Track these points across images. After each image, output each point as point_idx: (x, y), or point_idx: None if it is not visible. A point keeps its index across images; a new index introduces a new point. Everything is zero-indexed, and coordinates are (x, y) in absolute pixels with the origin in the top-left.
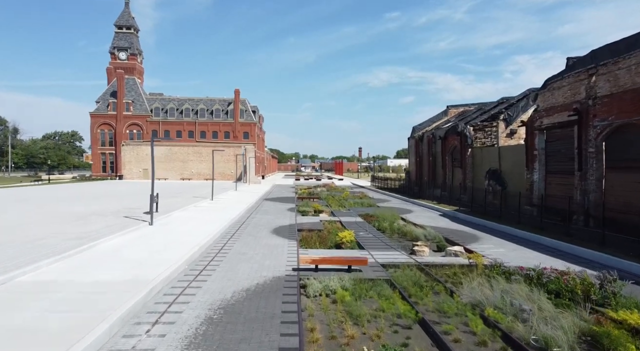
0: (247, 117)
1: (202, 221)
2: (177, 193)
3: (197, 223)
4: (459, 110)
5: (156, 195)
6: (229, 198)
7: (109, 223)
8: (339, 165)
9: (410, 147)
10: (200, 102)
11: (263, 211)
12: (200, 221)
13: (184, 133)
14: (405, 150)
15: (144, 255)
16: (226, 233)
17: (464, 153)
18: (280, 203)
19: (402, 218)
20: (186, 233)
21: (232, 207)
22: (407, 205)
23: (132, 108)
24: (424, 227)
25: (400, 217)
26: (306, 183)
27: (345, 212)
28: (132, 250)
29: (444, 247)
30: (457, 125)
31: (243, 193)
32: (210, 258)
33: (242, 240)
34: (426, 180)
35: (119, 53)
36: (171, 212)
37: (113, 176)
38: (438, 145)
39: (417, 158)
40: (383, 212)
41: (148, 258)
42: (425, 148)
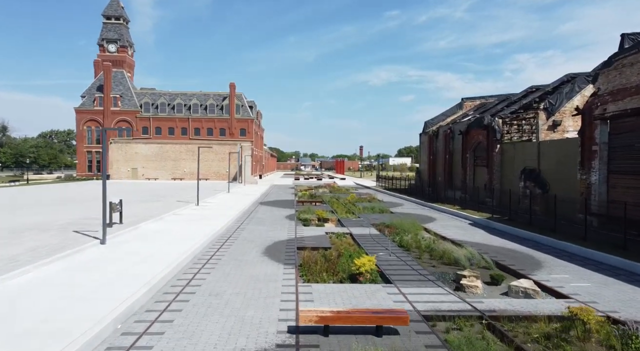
0: (244, 113)
1: (174, 237)
2: (161, 196)
3: (167, 240)
4: (475, 103)
5: (119, 202)
6: (219, 203)
7: (43, 242)
8: (340, 164)
9: (422, 144)
10: (193, 96)
11: (257, 220)
12: (172, 237)
13: (176, 130)
14: (407, 148)
15: (44, 310)
16: (202, 255)
17: (491, 149)
18: (277, 209)
19: (425, 229)
20: (143, 259)
21: (220, 215)
22: (425, 211)
23: (120, 103)
24: (462, 245)
25: (423, 228)
26: (306, 183)
27: (355, 221)
28: (34, 298)
29: (501, 278)
30: (482, 117)
31: (236, 195)
32: (162, 309)
33: (220, 267)
34: (441, 181)
35: (108, 45)
36: (141, 222)
37: (99, 176)
38: (457, 141)
39: (430, 156)
40: (401, 220)
41: (46, 321)
42: (441, 145)
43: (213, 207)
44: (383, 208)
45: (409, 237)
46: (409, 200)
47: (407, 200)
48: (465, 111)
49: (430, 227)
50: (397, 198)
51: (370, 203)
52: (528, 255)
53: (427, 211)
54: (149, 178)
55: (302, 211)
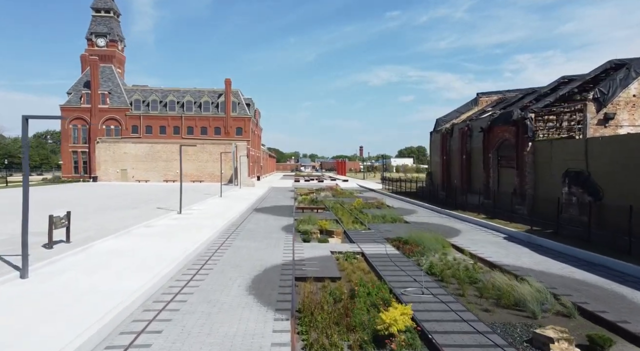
0: (241, 111)
1: (132, 262)
2: (142, 202)
3: (120, 267)
4: (491, 99)
5: (65, 215)
6: (206, 210)
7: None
8: (342, 165)
9: (433, 143)
10: (186, 93)
11: (247, 232)
12: (130, 261)
13: (168, 128)
14: (408, 148)
15: None
16: (160, 295)
17: (521, 148)
18: (273, 217)
19: (454, 246)
20: (69, 305)
21: (203, 226)
22: (444, 219)
23: (108, 100)
24: (522, 277)
25: (450, 244)
26: (306, 185)
27: (365, 234)
28: None
29: (607, 342)
30: (510, 112)
31: (229, 200)
32: None
33: (180, 320)
34: (458, 184)
35: (97, 39)
36: (98, 239)
37: (86, 178)
38: (477, 139)
39: (443, 157)
40: (420, 234)
41: None
42: (457, 144)
43: (197, 216)
44: (395, 217)
45: (436, 257)
46: (422, 206)
47: (420, 206)
48: (483, 107)
49: (458, 243)
50: (408, 203)
51: (380, 209)
52: (614, 291)
53: (447, 220)
54: (139, 180)
55: (302, 220)
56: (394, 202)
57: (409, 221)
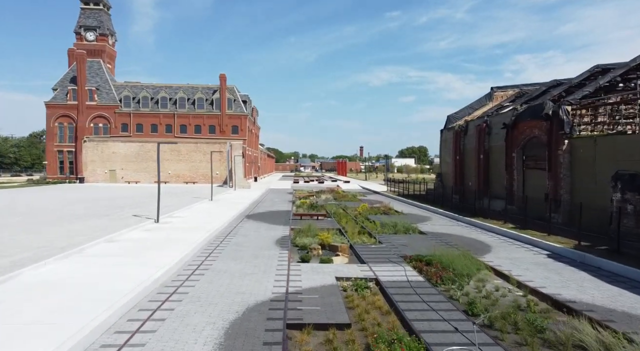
0: (237, 108)
1: (58, 303)
2: (118, 207)
3: (34, 315)
4: (508, 93)
5: None
6: (189, 217)
7: None
8: (342, 165)
9: (443, 142)
10: (179, 89)
11: (232, 249)
12: (55, 303)
13: (160, 127)
14: (409, 148)
15: None
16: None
17: (555, 146)
18: (267, 226)
19: (494, 270)
20: None
21: (178, 241)
22: (465, 229)
23: (96, 96)
24: (625, 335)
25: (485, 265)
26: (306, 186)
27: (376, 249)
28: None
29: None
30: (541, 104)
31: (219, 205)
32: None
33: None
34: (473, 187)
35: (86, 33)
36: (27, 266)
37: (72, 178)
38: (497, 136)
39: (456, 156)
40: (445, 251)
41: None
42: (473, 142)
43: (177, 226)
44: (407, 226)
45: (472, 285)
46: (435, 212)
47: (433, 212)
48: (499, 102)
49: (494, 263)
50: (418, 208)
51: (388, 216)
52: None
53: (469, 230)
54: (128, 182)
55: (300, 230)
56: (403, 207)
57: (424, 231)
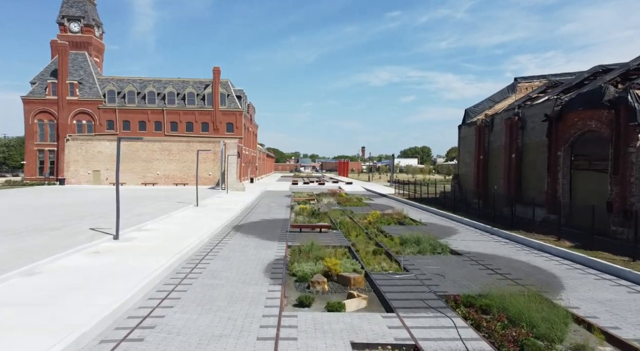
0: (231, 104)
1: None
2: (78, 218)
3: None
4: (534, 84)
5: None
6: (161, 231)
7: None
8: (344, 165)
9: (462, 139)
10: (168, 84)
11: (202, 283)
12: None
13: (148, 124)
14: (412, 148)
15: None
16: None
17: (623, 142)
18: (256, 243)
19: (602, 333)
20: None
21: (129, 274)
22: (508, 248)
23: (78, 91)
24: None
25: (571, 315)
26: (306, 188)
27: (403, 282)
28: None
29: None
30: (600, 88)
31: (205, 212)
32: None
33: None
34: (501, 191)
35: (70, 24)
36: None
37: (52, 180)
38: (535, 131)
39: (480, 156)
40: (503, 289)
41: None
42: (500, 139)
43: (137, 245)
44: (434, 242)
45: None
46: (460, 222)
47: (457, 221)
48: (527, 93)
49: (581, 311)
50: (438, 216)
51: (406, 227)
52: None
53: (513, 248)
54: (113, 183)
55: (299, 249)
56: (418, 213)
57: (457, 249)
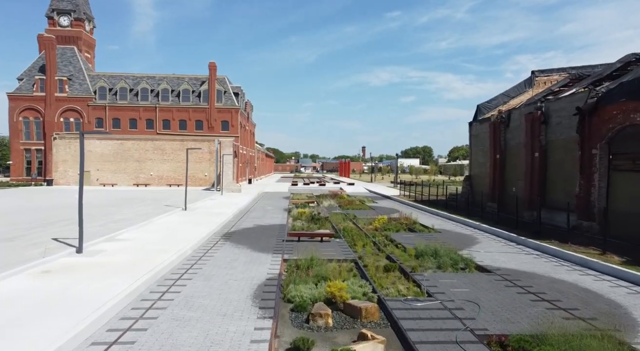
0: (227, 101)
1: None
2: (42, 225)
3: None
4: (553, 77)
5: None
6: (137, 242)
7: None
8: (345, 166)
9: (474, 138)
10: (162, 80)
11: (170, 317)
12: None
13: (140, 122)
14: (413, 148)
15: None
16: None
17: None
18: (247, 256)
19: None
20: None
21: (69, 312)
22: (544, 263)
23: (67, 87)
24: None
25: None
26: (306, 190)
27: (426, 313)
28: None
29: None
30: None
31: (192, 217)
32: None
33: None
34: (520, 193)
35: (59, 17)
36: None
37: (40, 181)
38: (560, 127)
39: (496, 155)
40: (566, 330)
41: None
42: (520, 136)
43: (102, 261)
44: (454, 254)
45: None
46: (478, 228)
47: (474, 228)
48: (549, 87)
49: None
50: (451, 222)
51: (417, 235)
52: None
53: (550, 264)
54: (104, 184)
55: (297, 265)
56: (428, 218)
57: (483, 264)
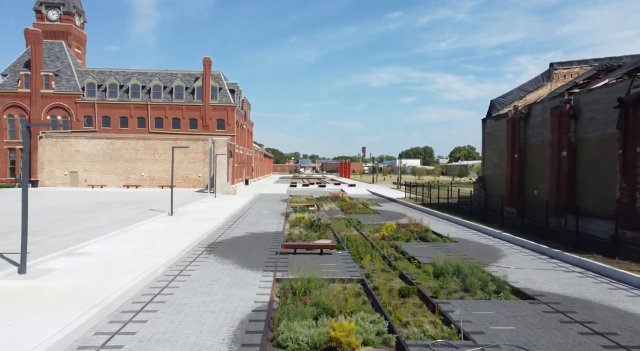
0: (223, 98)
1: None
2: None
3: None
4: (573, 70)
5: None
6: (104, 257)
7: None
8: (346, 166)
9: (488, 135)
10: (154, 76)
11: None
12: None
13: (131, 120)
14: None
15: None
16: None
17: None
18: (231, 275)
19: None
20: None
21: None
22: (591, 282)
23: (54, 84)
24: None
25: None
26: (305, 191)
27: None
28: None
29: None
30: None
31: (175, 225)
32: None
33: None
34: (544, 197)
35: (48, 11)
36: None
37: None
38: (594, 122)
39: (514, 154)
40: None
41: None
42: (543, 133)
43: (52, 284)
44: (481, 274)
45: None
46: (499, 237)
47: (494, 237)
48: (572, 79)
49: None
50: (465, 229)
51: (431, 245)
52: None
53: (607, 288)
54: (92, 186)
55: (292, 288)
56: (440, 225)
57: (522, 289)
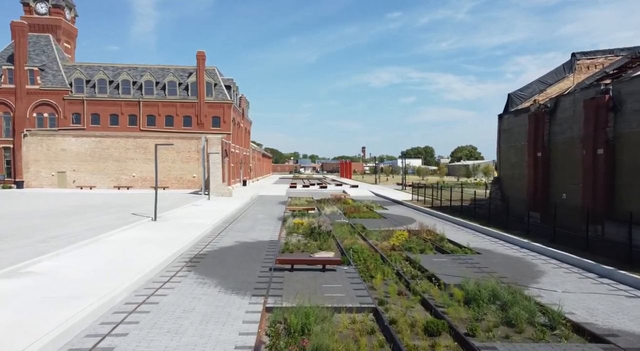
0: (218, 95)
1: None
2: None
3: None
4: (597, 60)
5: None
6: (56, 276)
7: None
8: (347, 166)
9: (505, 132)
10: (145, 71)
11: None
12: None
13: (122, 117)
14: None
15: None
16: None
17: None
18: (212, 301)
19: None
20: None
21: None
22: None
23: (39, 79)
24: None
25: None
26: (305, 193)
27: None
28: None
29: None
30: None
31: (159, 232)
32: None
33: None
34: (574, 201)
35: (36, 4)
36: None
37: (9, 182)
38: (639, 115)
39: (536, 153)
40: None
41: None
42: (569, 129)
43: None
44: (525, 303)
45: None
46: (528, 248)
47: (520, 246)
48: (602, 69)
49: None
50: (486, 237)
51: (450, 257)
52: None
53: None
54: (81, 187)
55: (284, 323)
56: (457, 232)
57: (582, 323)
